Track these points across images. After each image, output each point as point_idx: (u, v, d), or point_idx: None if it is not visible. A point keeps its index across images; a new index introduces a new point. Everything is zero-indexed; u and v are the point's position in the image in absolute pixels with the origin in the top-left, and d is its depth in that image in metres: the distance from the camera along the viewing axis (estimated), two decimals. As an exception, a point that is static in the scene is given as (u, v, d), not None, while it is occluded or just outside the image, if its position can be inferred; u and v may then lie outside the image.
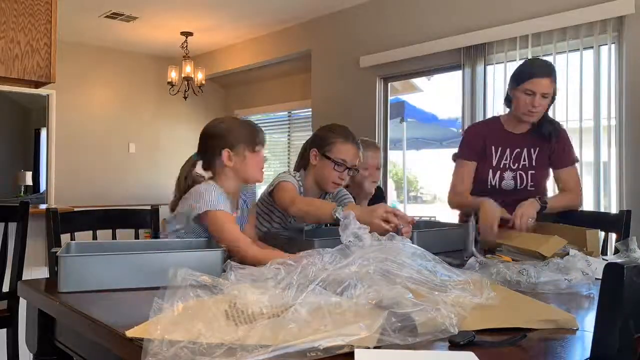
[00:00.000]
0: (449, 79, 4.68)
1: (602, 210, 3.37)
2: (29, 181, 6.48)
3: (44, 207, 3.69)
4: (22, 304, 1.57)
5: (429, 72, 4.63)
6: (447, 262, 1.27)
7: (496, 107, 3.90)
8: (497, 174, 2.28)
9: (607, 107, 3.39)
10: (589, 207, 3.41)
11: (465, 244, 1.84)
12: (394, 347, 0.89)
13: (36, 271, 2.78)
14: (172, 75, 6.07)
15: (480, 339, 0.94)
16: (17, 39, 3.10)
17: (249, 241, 1.64)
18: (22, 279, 1.77)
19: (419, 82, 5.55)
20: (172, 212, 1.78)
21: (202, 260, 1.38)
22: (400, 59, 4.52)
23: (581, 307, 1.27)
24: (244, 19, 5.54)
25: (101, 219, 2.21)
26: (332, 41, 5.22)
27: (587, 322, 1.09)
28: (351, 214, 1.41)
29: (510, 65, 3.76)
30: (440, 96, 6.19)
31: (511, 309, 1.13)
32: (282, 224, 2.12)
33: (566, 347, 0.97)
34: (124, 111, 6.73)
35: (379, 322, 0.91)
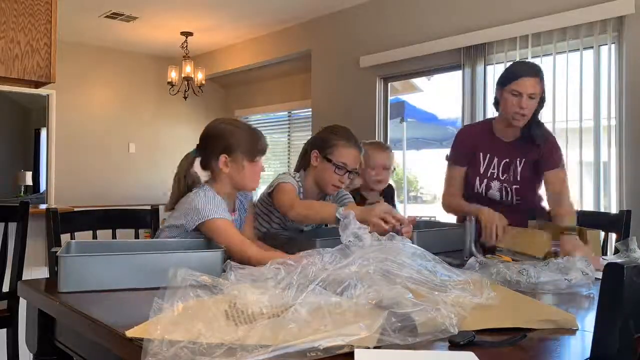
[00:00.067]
0: (449, 79, 4.67)
1: (602, 210, 3.37)
2: (29, 181, 6.47)
3: (44, 207, 3.69)
4: (22, 304, 1.57)
5: (429, 72, 4.63)
6: (447, 262, 1.27)
7: (496, 107, 3.89)
8: (484, 182, 2.28)
9: (607, 107, 3.39)
10: (589, 207, 3.41)
11: (464, 244, 1.84)
12: (394, 347, 0.89)
13: (36, 271, 2.78)
14: (172, 75, 6.07)
15: (480, 339, 0.94)
16: (17, 39, 3.10)
17: (248, 242, 1.64)
18: (22, 279, 1.78)
19: (419, 82, 5.54)
20: (169, 210, 1.77)
21: (202, 260, 1.38)
22: (400, 59, 4.51)
23: (581, 307, 1.27)
24: (244, 19, 5.54)
25: (101, 219, 2.21)
26: (332, 41, 5.21)
27: (587, 322, 1.09)
28: (351, 214, 1.42)
29: (510, 65, 3.77)
30: (440, 96, 6.18)
31: (511, 309, 1.13)
32: (281, 225, 2.12)
33: (566, 347, 0.97)
34: (124, 111, 6.73)
35: (379, 322, 0.91)
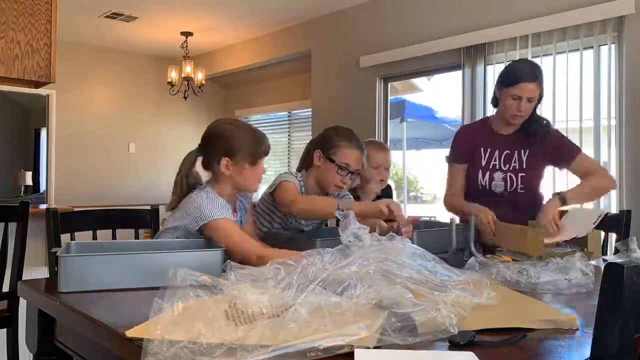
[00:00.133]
0: (449, 79, 4.67)
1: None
2: (29, 181, 6.48)
3: (44, 207, 3.69)
4: (22, 304, 1.57)
5: (429, 72, 4.63)
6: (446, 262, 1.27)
7: (496, 107, 3.90)
8: (487, 175, 2.28)
9: (607, 107, 3.39)
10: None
11: (460, 244, 1.85)
12: (394, 347, 0.89)
13: (36, 271, 2.78)
14: (172, 75, 6.07)
15: (480, 339, 0.94)
16: (17, 39, 3.09)
17: (254, 242, 1.66)
18: (22, 279, 1.78)
19: (419, 82, 5.54)
20: (170, 210, 1.77)
21: (202, 260, 1.38)
22: (400, 59, 4.51)
23: (581, 307, 1.27)
24: (244, 19, 5.54)
25: (101, 219, 2.21)
26: (332, 41, 5.21)
27: (587, 322, 1.09)
28: (351, 214, 1.42)
29: (510, 65, 3.77)
30: (440, 96, 6.18)
31: (511, 309, 1.13)
32: (282, 224, 2.12)
33: (566, 347, 0.97)
34: (124, 111, 6.73)
35: (379, 322, 0.91)
